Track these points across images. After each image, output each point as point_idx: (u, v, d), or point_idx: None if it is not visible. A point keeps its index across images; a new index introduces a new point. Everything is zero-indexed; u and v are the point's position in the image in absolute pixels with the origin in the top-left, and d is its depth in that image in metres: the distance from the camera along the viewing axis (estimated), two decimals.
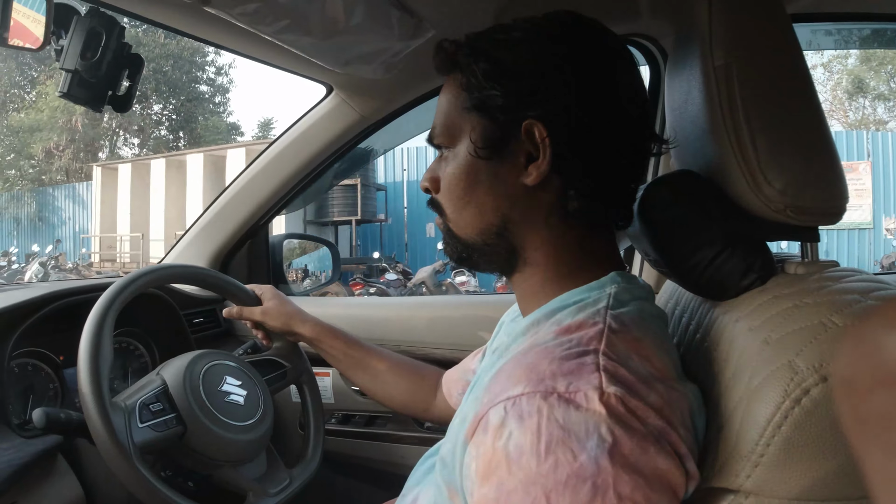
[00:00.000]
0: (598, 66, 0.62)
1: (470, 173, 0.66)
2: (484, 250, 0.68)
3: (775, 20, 0.62)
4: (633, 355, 0.54)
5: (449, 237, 0.71)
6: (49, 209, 18.79)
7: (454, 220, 0.69)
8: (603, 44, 0.64)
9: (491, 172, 0.65)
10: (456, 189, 0.68)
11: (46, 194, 19.13)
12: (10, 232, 19.18)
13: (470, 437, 0.54)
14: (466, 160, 0.66)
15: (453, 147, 0.68)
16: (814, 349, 0.49)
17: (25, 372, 1.13)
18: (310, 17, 0.93)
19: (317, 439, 1.17)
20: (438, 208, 0.71)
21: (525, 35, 0.64)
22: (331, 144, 1.48)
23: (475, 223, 0.67)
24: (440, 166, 0.70)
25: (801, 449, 0.48)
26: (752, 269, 0.63)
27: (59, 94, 0.90)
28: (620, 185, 0.65)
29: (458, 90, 0.66)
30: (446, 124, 0.68)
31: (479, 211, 0.66)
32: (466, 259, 0.71)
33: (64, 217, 18.39)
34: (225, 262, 1.62)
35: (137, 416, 0.90)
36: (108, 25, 0.89)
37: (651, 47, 1.32)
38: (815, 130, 0.60)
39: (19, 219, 19.25)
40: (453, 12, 1.08)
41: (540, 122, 0.61)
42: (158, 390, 0.96)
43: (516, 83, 0.62)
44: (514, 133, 0.62)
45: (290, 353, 1.20)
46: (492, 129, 0.64)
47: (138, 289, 1.01)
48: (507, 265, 0.69)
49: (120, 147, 23.86)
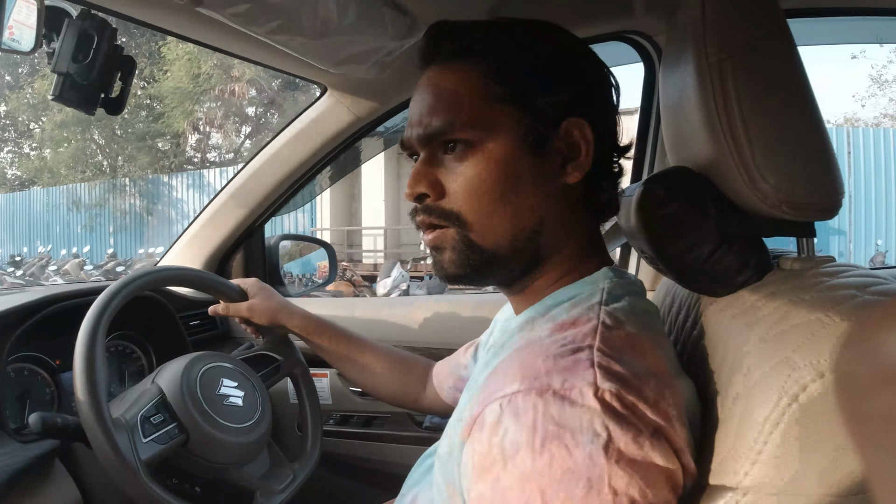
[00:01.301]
0: (600, 66, 0.68)
1: (510, 172, 0.61)
2: (509, 258, 0.64)
3: (769, 16, 0.62)
4: (627, 350, 0.54)
5: (465, 248, 0.63)
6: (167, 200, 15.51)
7: (480, 227, 0.62)
8: (582, 48, 0.68)
9: (534, 171, 0.62)
10: (491, 189, 0.61)
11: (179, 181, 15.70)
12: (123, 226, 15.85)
13: (467, 435, 0.54)
14: (508, 156, 0.61)
15: (481, 143, 0.62)
16: (811, 345, 0.49)
17: (21, 376, 1.13)
18: (302, 16, 0.93)
19: (315, 431, 1.17)
20: (450, 217, 0.63)
21: (528, 34, 0.66)
22: (325, 145, 1.48)
23: (508, 227, 0.62)
24: (446, 166, 0.64)
25: (800, 445, 0.48)
26: (748, 265, 0.63)
27: (52, 97, 0.89)
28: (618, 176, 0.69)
29: (478, 78, 0.62)
30: (471, 116, 0.61)
31: (516, 212, 0.62)
32: (478, 272, 0.64)
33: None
34: (221, 264, 1.62)
35: (140, 432, 0.90)
36: (99, 28, 0.89)
37: (645, 44, 1.33)
38: (810, 126, 0.60)
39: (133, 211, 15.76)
40: (447, 11, 1.08)
41: (584, 121, 0.62)
42: (157, 400, 0.95)
43: (559, 81, 0.63)
44: (554, 130, 0.63)
45: (282, 346, 1.20)
46: (534, 123, 0.62)
47: (131, 293, 1.00)
48: (521, 272, 0.66)
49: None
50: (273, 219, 1.65)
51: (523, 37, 0.64)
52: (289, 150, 1.50)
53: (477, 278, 0.65)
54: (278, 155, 1.51)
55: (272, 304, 1.14)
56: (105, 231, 16.04)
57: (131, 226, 15.87)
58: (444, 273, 0.65)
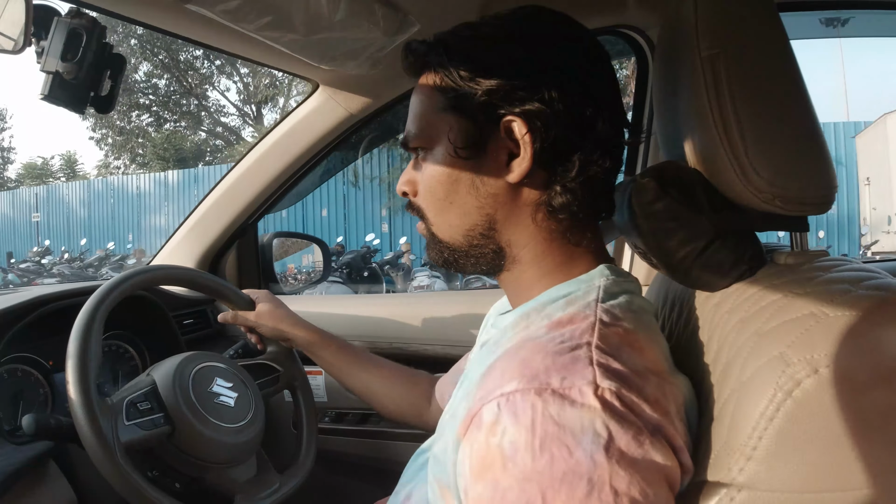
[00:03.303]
0: (567, 59, 0.63)
1: (450, 174, 0.66)
2: (470, 252, 0.68)
3: (762, 9, 0.62)
4: (625, 348, 0.54)
5: (432, 241, 0.70)
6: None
7: (437, 224, 0.69)
8: (571, 37, 0.65)
9: (472, 172, 0.65)
10: (437, 191, 0.67)
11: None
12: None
13: (463, 434, 0.54)
14: (446, 161, 0.65)
15: (431, 149, 0.67)
16: (805, 340, 0.49)
17: (15, 378, 1.12)
18: (293, 12, 0.93)
19: (309, 444, 1.16)
20: (419, 212, 0.71)
21: (495, 32, 0.64)
22: (318, 142, 1.47)
23: (459, 225, 0.67)
24: (417, 169, 0.70)
25: (794, 441, 0.48)
26: (742, 259, 0.63)
27: (41, 96, 0.88)
28: (601, 175, 0.65)
29: (431, 91, 0.66)
30: (422, 126, 0.68)
31: (463, 212, 0.66)
32: (452, 263, 0.70)
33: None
34: (214, 262, 1.61)
35: (124, 414, 0.89)
36: (88, 26, 0.88)
37: (638, 38, 1.32)
38: (803, 119, 0.59)
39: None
40: (438, 6, 1.08)
41: (519, 119, 0.61)
42: (147, 389, 0.95)
43: (492, 81, 0.61)
44: (493, 131, 0.62)
45: (284, 358, 1.19)
46: (470, 128, 0.63)
47: (126, 291, 1.00)
48: (494, 265, 0.68)
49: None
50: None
51: (463, 43, 0.64)
52: (281, 147, 1.49)
53: (453, 266, 0.70)
54: (271, 152, 1.50)
55: (279, 315, 1.14)
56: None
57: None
58: (428, 258, 0.73)
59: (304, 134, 1.47)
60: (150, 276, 1.09)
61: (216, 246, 1.59)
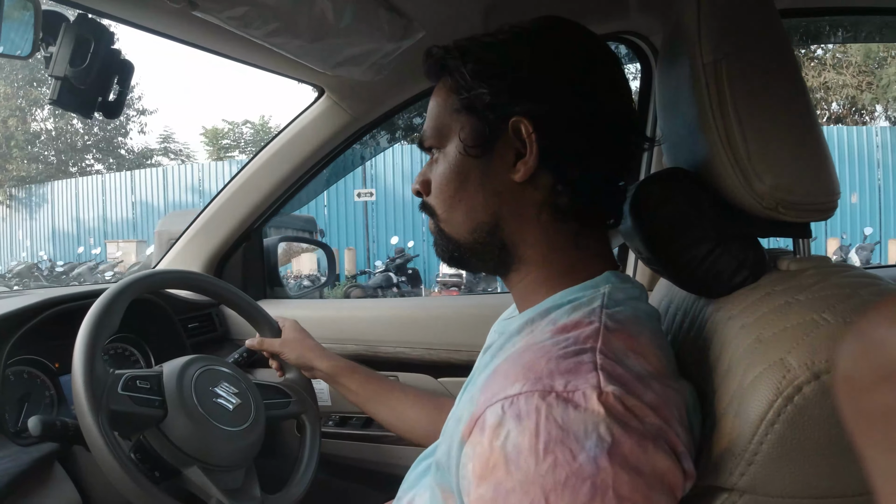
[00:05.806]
0: (578, 65, 0.64)
1: (460, 172, 0.67)
2: (476, 249, 0.69)
3: (764, 16, 0.62)
4: (629, 353, 0.54)
5: (440, 237, 0.72)
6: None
7: (445, 220, 0.70)
8: (583, 43, 0.66)
9: (480, 170, 0.66)
10: (447, 188, 0.69)
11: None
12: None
13: (466, 437, 0.54)
14: (456, 159, 0.67)
15: (443, 148, 0.69)
16: (806, 346, 0.49)
17: (21, 380, 1.12)
18: (299, 19, 0.93)
19: (304, 476, 1.14)
20: (430, 210, 0.72)
21: (509, 37, 0.66)
22: (323, 146, 1.48)
23: (466, 222, 0.68)
24: (431, 168, 0.71)
25: (795, 446, 0.48)
26: (745, 266, 0.63)
27: (49, 101, 0.89)
28: (609, 181, 0.66)
29: (447, 93, 0.68)
30: (436, 126, 0.69)
31: (470, 208, 0.67)
32: (458, 259, 0.71)
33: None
34: (220, 266, 1.62)
35: (120, 385, 0.91)
36: (96, 32, 0.89)
37: (641, 44, 1.33)
38: (805, 126, 0.60)
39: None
40: (443, 12, 1.08)
41: (526, 119, 0.62)
42: (151, 374, 0.97)
43: (502, 82, 0.63)
44: (502, 131, 0.64)
45: (300, 387, 1.19)
46: (480, 127, 0.65)
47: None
48: (500, 264, 0.69)
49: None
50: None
51: (478, 47, 0.66)
52: (287, 152, 1.50)
53: (461, 264, 0.72)
54: (276, 157, 1.51)
55: (305, 345, 1.16)
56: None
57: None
58: (438, 256, 0.74)
59: (309, 139, 1.48)
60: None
61: (222, 250, 1.60)
